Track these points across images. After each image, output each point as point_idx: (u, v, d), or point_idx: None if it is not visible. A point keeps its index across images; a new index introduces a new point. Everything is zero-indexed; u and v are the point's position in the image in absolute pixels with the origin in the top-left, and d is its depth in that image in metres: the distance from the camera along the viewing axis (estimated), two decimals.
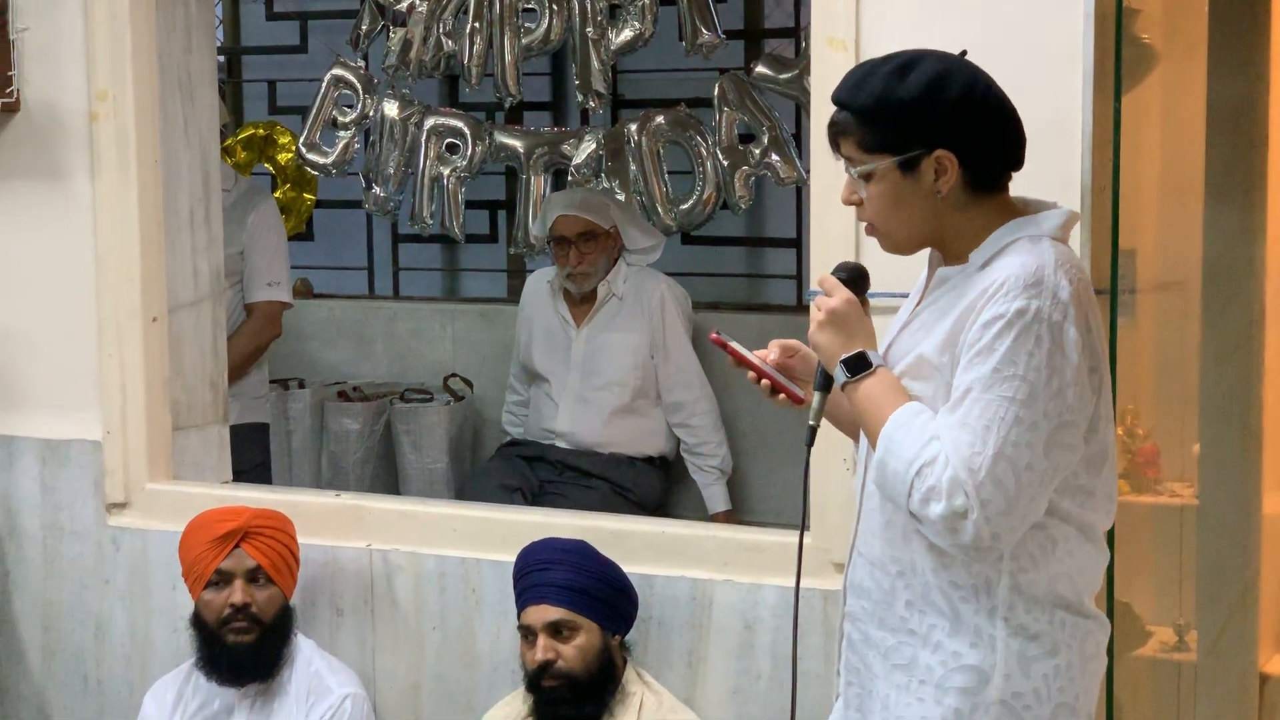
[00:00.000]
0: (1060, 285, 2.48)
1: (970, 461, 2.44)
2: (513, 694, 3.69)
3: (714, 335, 2.78)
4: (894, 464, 2.51)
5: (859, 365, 2.58)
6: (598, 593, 3.52)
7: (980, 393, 2.46)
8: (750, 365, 2.74)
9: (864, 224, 2.66)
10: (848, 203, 2.64)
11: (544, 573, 3.52)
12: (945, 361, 2.53)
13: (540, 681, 3.50)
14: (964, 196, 2.58)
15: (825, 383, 2.67)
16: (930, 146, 2.53)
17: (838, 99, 2.60)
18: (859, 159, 2.57)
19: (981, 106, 2.56)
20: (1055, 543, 2.58)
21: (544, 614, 3.50)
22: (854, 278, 2.67)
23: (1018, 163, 2.63)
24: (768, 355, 2.76)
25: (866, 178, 2.57)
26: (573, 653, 3.49)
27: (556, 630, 3.49)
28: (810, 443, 2.68)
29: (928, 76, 2.54)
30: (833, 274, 2.68)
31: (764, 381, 2.74)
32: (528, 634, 3.54)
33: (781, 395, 2.74)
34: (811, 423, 2.68)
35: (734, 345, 2.75)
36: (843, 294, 2.63)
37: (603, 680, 3.52)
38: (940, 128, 2.53)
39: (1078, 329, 2.49)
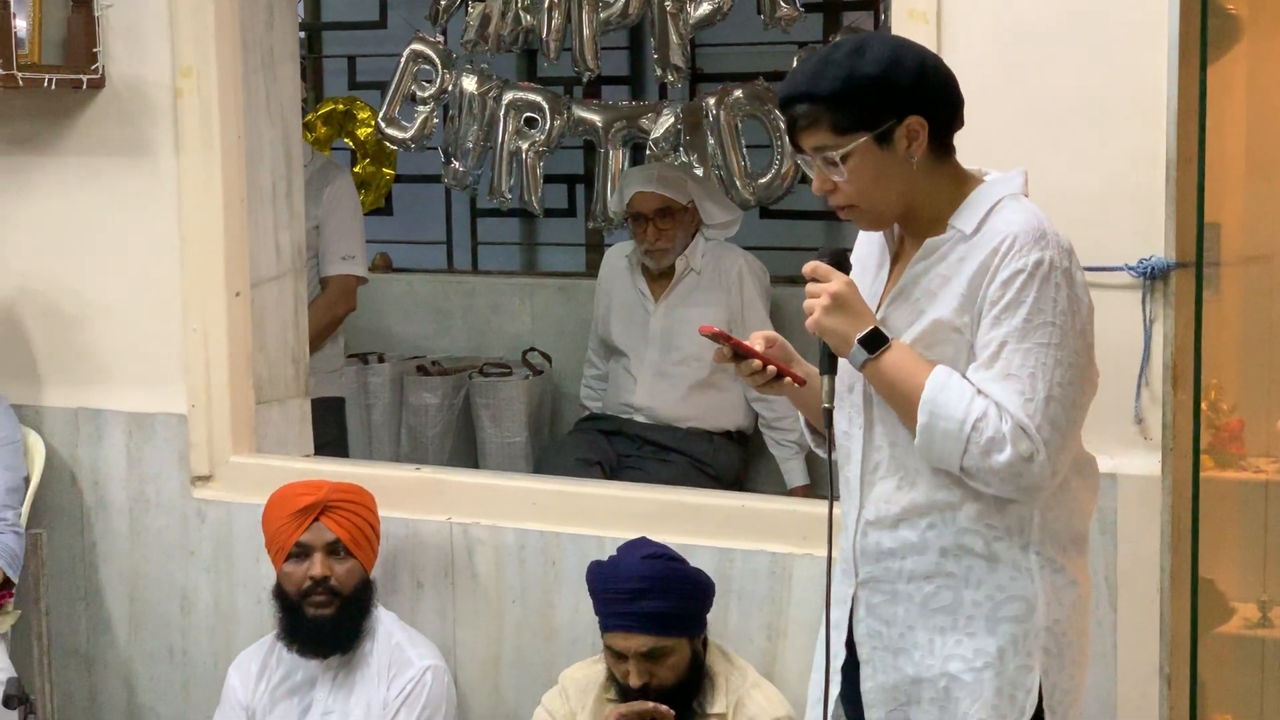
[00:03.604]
0: (1058, 234, 2.64)
1: (1026, 408, 2.56)
2: (595, 658, 3.69)
3: (707, 327, 2.81)
4: (943, 424, 2.60)
5: (876, 341, 2.66)
6: (686, 610, 3.50)
7: (1017, 343, 2.58)
8: (755, 354, 2.80)
9: (838, 207, 2.72)
10: (821, 193, 2.72)
11: (630, 602, 3.46)
12: (966, 322, 2.64)
13: (633, 695, 3.48)
14: (930, 162, 2.69)
15: (831, 365, 2.74)
16: (901, 115, 2.64)
17: (796, 93, 2.67)
18: (834, 143, 2.64)
19: (935, 71, 2.69)
20: (1068, 481, 2.71)
21: (635, 643, 3.46)
22: (838, 260, 2.74)
23: (962, 122, 2.74)
24: (753, 347, 2.84)
25: (845, 159, 2.64)
26: (667, 671, 3.48)
27: (649, 656, 3.47)
28: (829, 424, 2.76)
29: (885, 51, 2.66)
30: (818, 260, 2.74)
31: (769, 368, 2.81)
32: (617, 655, 3.51)
33: (786, 379, 2.82)
34: (826, 405, 2.75)
35: (735, 337, 2.81)
36: (840, 277, 2.70)
37: (695, 680, 3.52)
38: (907, 95, 2.64)
39: (1080, 273, 2.65)
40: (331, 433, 5.14)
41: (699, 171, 5.91)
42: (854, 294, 2.69)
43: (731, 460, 5.37)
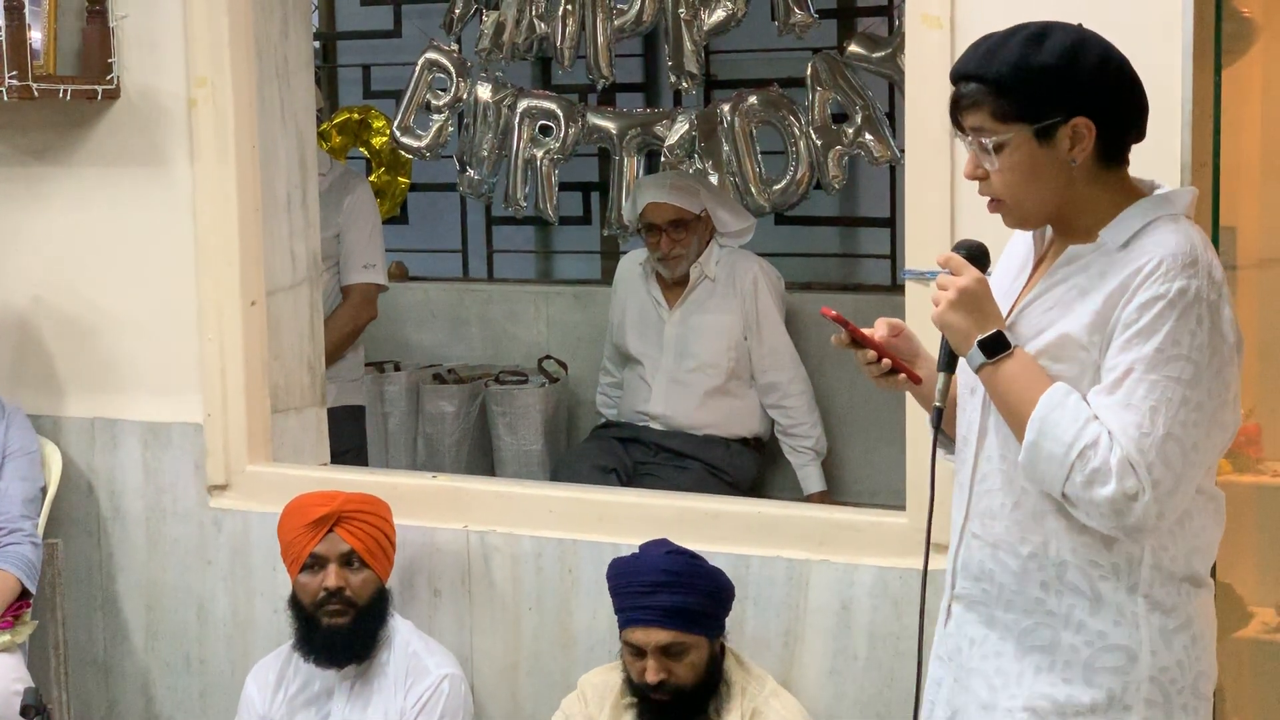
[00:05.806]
0: (1213, 265, 2.47)
1: (1140, 443, 2.41)
2: (612, 664, 3.69)
3: (828, 310, 2.64)
4: (1049, 446, 2.46)
5: (997, 346, 2.52)
6: (706, 608, 3.50)
7: (1144, 373, 2.43)
8: (872, 344, 2.66)
9: (987, 199, 2.59)
10: (971, 177, 2.57)
11: (650, 595, 3.46)
12: (1095, 342, 2.49)
13: (650, 695, 3.49)
14: (1094, 168, 2.54)
15: (950, 363, 2.61)
16: (1068, 114, 2.49)
17: (966, 72, 2.54)
18: (992, 129, 2.51)
19: (1117, 74, 2.54)
20: (1191, 517, 2.56)
21: (654, 637, 3.46)
22: (975, 255, 2.59)
23: (1142, 134, 2.60)
24: (875, 334, 2.70)
25: (999, 149, 2.51)
26: (684, 670, 3.47)
27: (667, 651, 3.47)
28: (938, 424, 2.64)
29: (1065, 44, 2.51)
30: (954, 251, 2.60)
31: (884, 361, 2.67)
32: (636, 651, 3.51)
33: (902, 375, 2.69)
34: (938, 404, 2.63)
35: (853, 324, 2.65)
36: (972, 272, 2.55)
37: (712, 684, 3.52)
38: (1079, 94, 2.50)
39: (1230, 308, 2.48)
40: (353, 440, 5.15)
41: (714, 178, 5.92)
42: (984, 292, 2.54)
43: (748, 467, 5.36)
